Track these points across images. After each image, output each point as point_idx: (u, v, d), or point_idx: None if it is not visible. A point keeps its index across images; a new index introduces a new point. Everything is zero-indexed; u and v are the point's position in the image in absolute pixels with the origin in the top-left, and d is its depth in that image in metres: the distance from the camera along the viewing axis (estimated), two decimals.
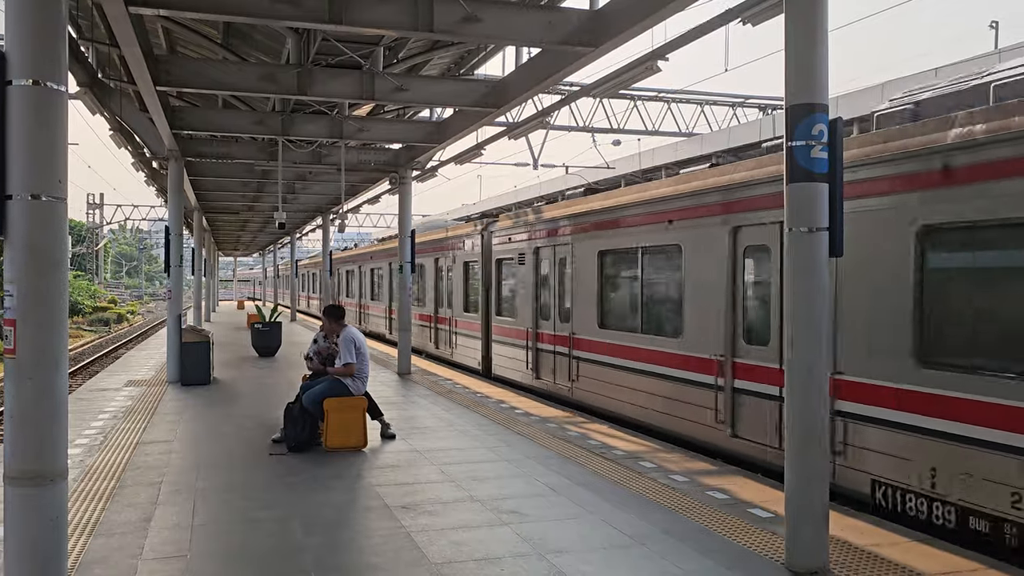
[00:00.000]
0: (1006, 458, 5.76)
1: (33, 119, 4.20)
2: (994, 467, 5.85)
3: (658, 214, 10.23)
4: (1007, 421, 5.77)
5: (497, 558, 5.35)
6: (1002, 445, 5.79)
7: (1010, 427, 5.75)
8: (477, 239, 17.03)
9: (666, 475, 7.58)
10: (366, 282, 29.05)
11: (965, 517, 6.10)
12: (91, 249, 66.75)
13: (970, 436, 6.03)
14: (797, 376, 5.14)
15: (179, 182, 15.32)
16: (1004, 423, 5.80)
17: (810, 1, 5.09)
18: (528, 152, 20.54)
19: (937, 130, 6.45)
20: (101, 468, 7.83)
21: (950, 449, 6.19)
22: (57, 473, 4.28)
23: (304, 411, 8.80)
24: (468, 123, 12.97)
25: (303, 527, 6.05)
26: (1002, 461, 5.79)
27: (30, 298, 4.22)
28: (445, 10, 7.97)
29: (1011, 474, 5.72)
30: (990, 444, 5.88)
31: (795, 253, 5.14)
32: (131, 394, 12.93)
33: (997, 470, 5.83)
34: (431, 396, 12.75)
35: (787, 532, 5.23)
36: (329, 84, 10.96)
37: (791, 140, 5.06)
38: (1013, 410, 5.73)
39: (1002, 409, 5.81)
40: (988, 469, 5.90)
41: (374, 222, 57.02)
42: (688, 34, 7.97)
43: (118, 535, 5.80)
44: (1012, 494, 5.70)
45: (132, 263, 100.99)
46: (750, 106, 26.17)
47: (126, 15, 7.36)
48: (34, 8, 4.23)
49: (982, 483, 5.95)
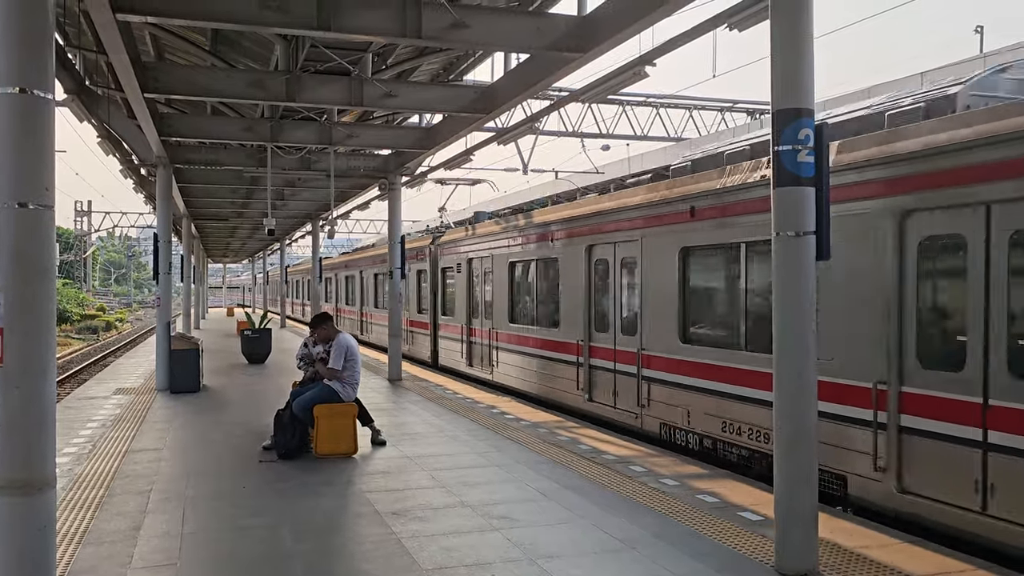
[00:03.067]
0: (716, 399, 8.82)
1: (20, 127, 4.18)
2: (709, 406, 8.92)
3: (543, 235, 13.19)
4: (718, 374, 8.83)
5: (488, 563, 5.35)
6: (711, 391, 8.91)
7: (715, 378, 8.86)
8: (426, 251, 19.60)
9: (656, 479, 7.59)
10: (354, 287, 29.05)
11: (701, 441, 9.13)
12: (79, 257, 66.44)
13: (701, 387, 9.06)
14: (785, 380, 5.15)
15: (167, 189, 15.27)
16: (717, 376, 8.84)
17: (796, 7, 5.13)
18: (518, 157, 20.53)
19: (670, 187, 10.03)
20: (90, 477, 7.79)
21: (694, 397, 9.16)
22: (45, 482, 4.26)
23: (294, 418, 8.77)
24: (457, 129, 12.98)
25: (293, 534, 6.04)
26: (714, 401, 8.85)
27: (17, 306, 4.20)
28: (433, 16, 7.99)
29: (717, 409, 8.80)
30: (708, 391, 8.96)
31: (782, 257, 5.16)
32: (120, 402, 12.87)
33: (711, 407, 8.88)
34: (421, 402, 12.74)
35: (777, 535, 5.25)
36: (318, 90, 10.96)
37: (777, 145, 5.10)
38: (721, 368, 8.78)
39: (714, 368, 8.89)
40: (708, 407, 8.96)
41: (364, 228, 56.99)
42: (676, 39, 8.01)
43: (107, 544, 5.77)
44: (721, 423, 8.76)
45: (120, 270, 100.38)
46: (738, 111, 26.28)
47: (113, 22, 7.34)
48: (21, 16, 4.21)
49: (706, 417, 8.99)
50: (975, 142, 5.97)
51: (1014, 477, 5.63)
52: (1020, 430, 5.61)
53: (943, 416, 6.20)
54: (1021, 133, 5.65)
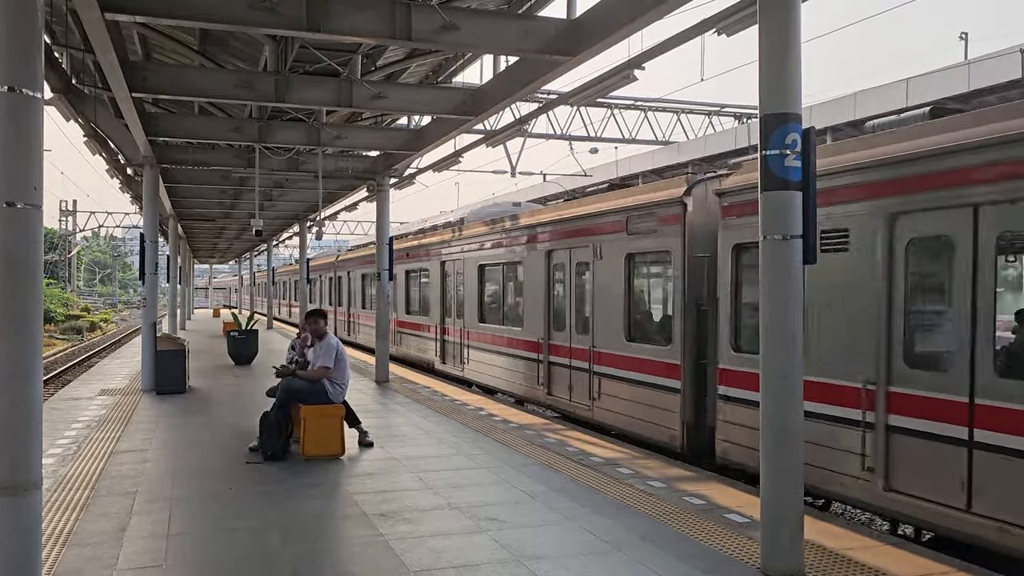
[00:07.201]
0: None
1: (8, 126, 4.15)
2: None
3: (501, 242, 14.77)
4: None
5: (475, 565, 5.35)
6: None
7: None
8: (412, 253, 20.95)
9: (643, 481, 7.62)
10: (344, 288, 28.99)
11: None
12: (64, 256, 65.93)
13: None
14: (771, 382, 5.19)
15: (154, 189, 15.19)
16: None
17: (784, 12, 5.17)
18: (506, 159, 20.54)
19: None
20: (75, 478, 7.74)
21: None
22: (31, 483, 4.23)
23: (280, 413, 8.73)
24: (446, 131, 12.98)
25: (280, 536, 6.02)
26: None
27: (3, 308, 4.17)
28: (423, 18, 8.00)
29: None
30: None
31: (769, 260, 5.20)
32: (105, 403, 12.78)
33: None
34: (409, 404, 12.72)
35: (763, 537, 5.29)
36: (307, 91, 10.94)
37: (765, 149, 5.13)
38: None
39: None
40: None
41: (351, 229, 56.82)
42: (664, 43, 8.05)
43: (92, 545, 5.74)
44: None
45: (106, 271, 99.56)
46: (726, 115, 26.41)
47: (102, 21, 7.31)
48: (8, 14, 4.19)
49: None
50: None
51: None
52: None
53: None
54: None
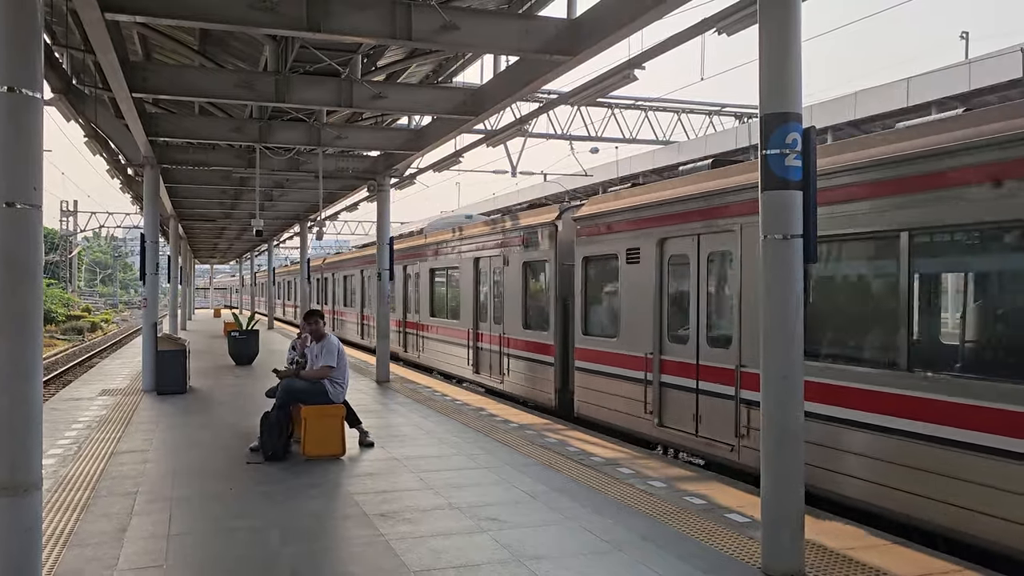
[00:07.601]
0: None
1: (8, 126, 4.17)
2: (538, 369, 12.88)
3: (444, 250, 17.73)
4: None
5: (476, 565, 5.35)
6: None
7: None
8: (371, 259, 21.95)
9: (644, 481, 7.62)
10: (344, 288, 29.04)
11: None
12: (64, 257, 65.95)
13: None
14: (771, 383, 5.18)
15: (155, 189, 15.19)
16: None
17: (784, 12, 5.16)
18: (507, 159, 20.54)
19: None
20: (76, 478, 7.74)
21: (519, 361, 13.56)
22: (31, 483, 4.23)
23: (280, 414, 8.73)
24: (446, 131, 12.97)
25: (281, 536, 6.01)
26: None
27: (3, 308, 4.17)
28: (423, 18, 7.99)
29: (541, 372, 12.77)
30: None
31: (770, 260, 5.19)
32: (106, 403, 12.78)
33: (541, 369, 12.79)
34: (409, 404, 12.72)
35: (764, 537, 5.28)
36: (307, 91, 10.94)
37: (765, 149, 5.13)
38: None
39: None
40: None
41: (352, 229, 56.81)
42: (665, 43, 8.05)
43: (93, 546, 5.74)
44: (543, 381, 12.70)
45: (106, 271, 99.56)
46: (726, 114, 26.42)
47: (102, 21, 7.31)
48: (8, 14, 4.20)
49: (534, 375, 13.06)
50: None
51: None
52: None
53: None
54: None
